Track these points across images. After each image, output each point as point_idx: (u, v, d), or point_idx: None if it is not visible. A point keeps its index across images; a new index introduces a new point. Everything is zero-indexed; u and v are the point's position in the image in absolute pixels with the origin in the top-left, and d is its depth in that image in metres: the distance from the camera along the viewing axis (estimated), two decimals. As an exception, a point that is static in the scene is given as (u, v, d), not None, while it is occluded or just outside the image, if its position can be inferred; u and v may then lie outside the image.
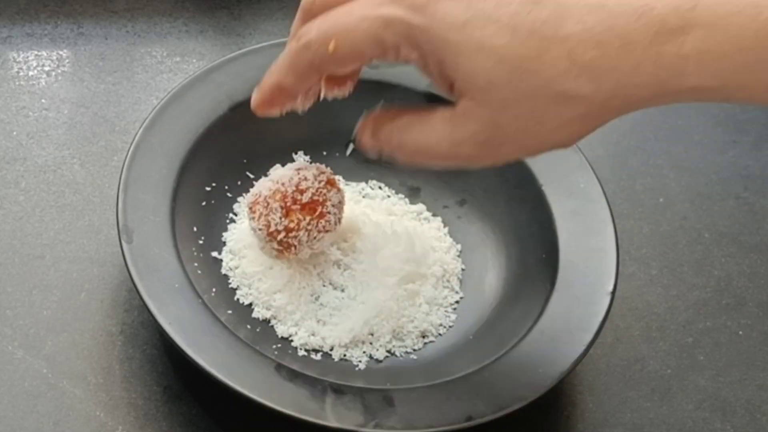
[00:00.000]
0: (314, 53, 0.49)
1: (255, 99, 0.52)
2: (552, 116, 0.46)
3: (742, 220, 0.68)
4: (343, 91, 0.52)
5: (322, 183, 0.56)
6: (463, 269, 0.61)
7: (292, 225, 0.56)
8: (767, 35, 0.42)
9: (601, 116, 0.46)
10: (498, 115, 0.46)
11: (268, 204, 0.56)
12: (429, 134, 0.49)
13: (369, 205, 0.62)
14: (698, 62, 0.43)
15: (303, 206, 0.56)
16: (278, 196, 0.56)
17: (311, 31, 0.49)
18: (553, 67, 0.44)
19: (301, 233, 0.56)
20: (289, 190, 0.56)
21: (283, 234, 0.56)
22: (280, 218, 0.56)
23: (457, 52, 0.46)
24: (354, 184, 0.63)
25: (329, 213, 0.56)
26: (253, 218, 0.57)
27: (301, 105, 0.52)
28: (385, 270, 0.58)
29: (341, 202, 0.57)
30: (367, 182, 0.64)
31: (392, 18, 0.46)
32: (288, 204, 0.56)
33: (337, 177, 0.62)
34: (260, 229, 0.56)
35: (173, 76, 0.70)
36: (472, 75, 0.46)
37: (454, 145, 0.48)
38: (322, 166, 0.57)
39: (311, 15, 0.50)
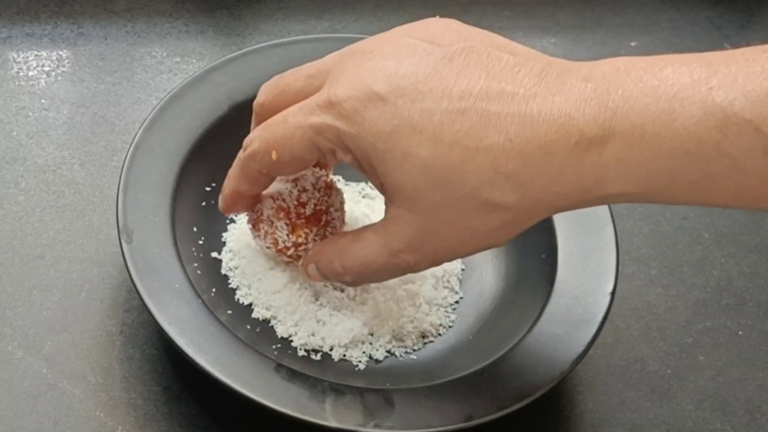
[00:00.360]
0: (260, 163, 0.51)
1: (220, 204, 0.56)
2: (480, 223, 0.47)
3: (742, 220, 0.68)
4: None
5: (322, 190, 0.56)
6: (462, 269, 0.61)
7: (300, 240, 0.55)
8: (681, 142, 0.43)
9: (529, 220, 0.48)
10: (428, 221, 0.48)
11: (273, 222, 0.56)
12: (367, 249, 0.51)
13: (369, 205, 0.62)
14: (617, 170, 0.44)
15: (308, 219, 0.55)
16: (281, 214, 0.55)
17: (254, 142, 0.51)
18: (477, 176, 0.45)
19: (309, 245, 0.56)
20: (291, 206, 0.55)
21: (292, 249, 0.56)
22: (287, 235, 0.55)
23: (384, 160, 0.47)
24: (354, 184, 0.63)
25: (334, 219, 0.56)
26: (259, 236, 0.56)
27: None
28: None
29: (342, 202, 0.57)
30: (367, 182, 0.64)
31: (323, 126, 0.48)
32: (293, 220, 0.55)
33: (336, 177, 0.62)
34: (268, 247, 0.56)
35: (173, 76, 0.70)
36: (399, 183, 0.47)
37: (392, 254, 0.50)
38: (317, 169, 0.57)
39: (262, 119, 0.52)
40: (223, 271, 0.59)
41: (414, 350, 0.58)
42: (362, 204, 0.62)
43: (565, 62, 0.47)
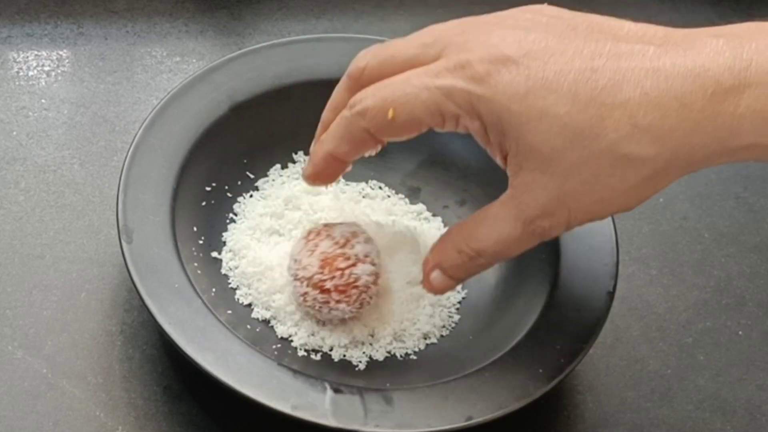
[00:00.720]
0: (370, 121, 0.49)
1: (308, 171, 0.53)
2: (617, 180, 0.46)
3: (742, 220, 0.68)
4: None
5: (348, 262, 0.55)
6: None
7: (344, 298, 0.55)
8: None
9: (664, 178, 0.47)
10: (564, 182, 0.47)
11: (315, 297, 0.55)
12: (499, 225, 0.50)
13: (369, 205, 0.62)
14: (753, 120, 0.44)
15: (341, 289, 0.55)
16: (317, 290, 0.55)
17: (367, 99, 0.49)
18: (615, 131, 0.45)
19: (353, 292, 0.55)
20: (322, 278, 0.55)
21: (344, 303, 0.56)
22: (334, 303, 0.55)
23: (519, 123, 0.46)
24: (354, 184, 0.63)
25: (365, 275, 0.55)
26: (307, 303, 0.56)
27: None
28: (393, 273, 0.58)
29: (368, 241, 0.56)
30: (367, 182, 0.64)
31: (453, 88, 0.47)
32: (330, 290, 0.55)
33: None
34: (318, 310, 0.56)
35: (173, 76, 0.70)
36: (535, 144, 0.47)
37: (526, 223, 0.49)
38: (335, 235, 0.55)
39: (359, 84, 0.50)
40: (223, 271, 0.59)
41: (415, 351, 0.58)
42: (362, 204, 0.62)
43: (688, 29, 0.47)
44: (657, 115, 0.45)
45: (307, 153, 0.63)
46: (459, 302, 0.60)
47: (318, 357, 0.56)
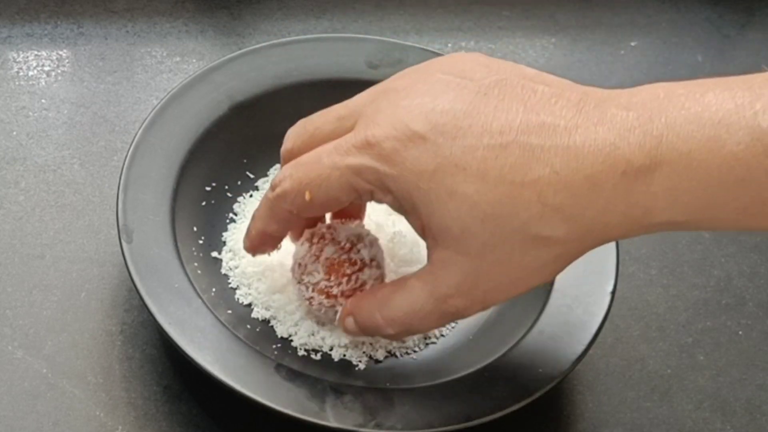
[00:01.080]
0: (291, 203, 0.50)
1: (245, 244, 0.55)
2: (530, 259, 0.46)
3: (742, 220, 0.68)
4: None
5: (355, 267, 0.54)
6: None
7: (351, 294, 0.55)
8: (729, 169, 0.42)
9: (578, 252, 0.47)
10: (477, 261, 0.46)
11: (321, 302, 0.55)
12: (411, 298, 0.49)
13: (369, 205, 0.62)
14: (667, 199, 0.44)
15: (348, 294, 0.54)
16: (323, 296, 0.55)
17: (285, 181, 0.50)
18: (525, 210, 0.45)
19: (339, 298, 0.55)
20: (328, 285, 0.54)
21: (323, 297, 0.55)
22: (340, 307, 0.55)
23: (429, 201, 0.46)
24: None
25: (372, 279, 0.55)
26: (312, 305, 0.56)
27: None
28: (392, 274, 0.58)
29: (373, 243, 0.56)
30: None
31: (362, 167, 0.47)
32: (336, 296, 0.55)
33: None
34: (324, 313, 0.56)
35: (173, 76, 0.70)
36: (446, 223, 0.46)
37: (440, 301, 0.48)
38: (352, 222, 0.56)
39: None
40: (223, 271, 0.59)
41: (415, 351, 0.58)
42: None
43: (601, 91, 0.46)
44: (567, 194, 0.44)
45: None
46: (459, 302, 0.60)
47: (318, 357, 0.56)
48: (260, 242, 0.54)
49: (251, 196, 0.62)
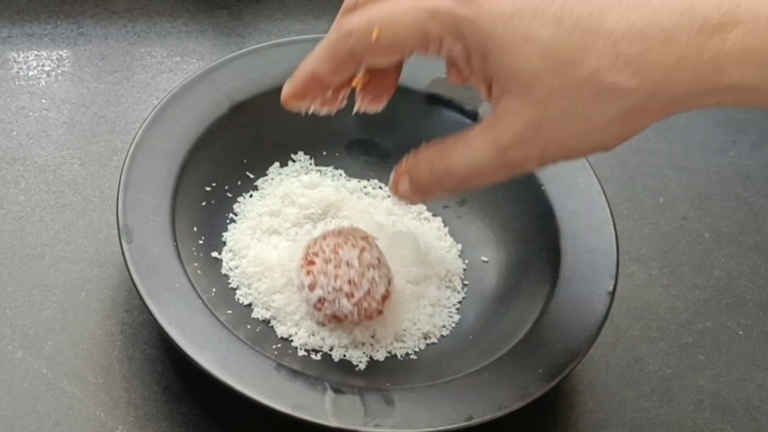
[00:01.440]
0: (355, 41, 0.49)
1: (286, 90, 0.52)
2: (596, 111, 0.46)
3: (742, 220, 0.68)
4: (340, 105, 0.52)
5: (363, 279, 0.55)
6: (464, 269, 0.61)
7: (364, 315, 0.55)
8: None
9: (645, 114, 0.46)
10: (542, 109, 0.46)
11: (332, 313, 0.55)
12: (473, 149, 0.48)
13: (371, 204, 0.62)
14: (740, 58, 0.44)
15: (356, 303, 0.55)
16: (336, 306, 0.55)
17: (353, 20, 0.49)
18: (597, 59, 0.44)
19: (370, 305, 0.56)
20: (335, 308, 0.55)
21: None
22: (350, 316, 0.55)
23: (502, 45, 0.46)
24: (356, 181, 0.63)
25: (379, 295, 0.55)
26: (319, 311, 0.56)
27: (324, 106, 0.52)
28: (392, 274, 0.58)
29: (380, 258, 0.56)
30: (369, 180, 0.64)
31: (439, 9, 0.47)
32: (344, 316, 0.55)
33: (339, 171, 0.62)
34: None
35: (173, 76, 0.70)
36: (516, 68, 0.46)
37: (500, 151, 0.48)
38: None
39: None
40: (223, 271, 0.59)
41: (415, 351, 0.58)
42: (364, 202, 0.62)
43: None
44: (641, 46, 0.44)
45: (306, 153, 0.64)
46: (459, 302, 0.60)
47: (318, 357, 0.56)
48: (304, 86, 0.51)
49: (251, 195, 0.62)
